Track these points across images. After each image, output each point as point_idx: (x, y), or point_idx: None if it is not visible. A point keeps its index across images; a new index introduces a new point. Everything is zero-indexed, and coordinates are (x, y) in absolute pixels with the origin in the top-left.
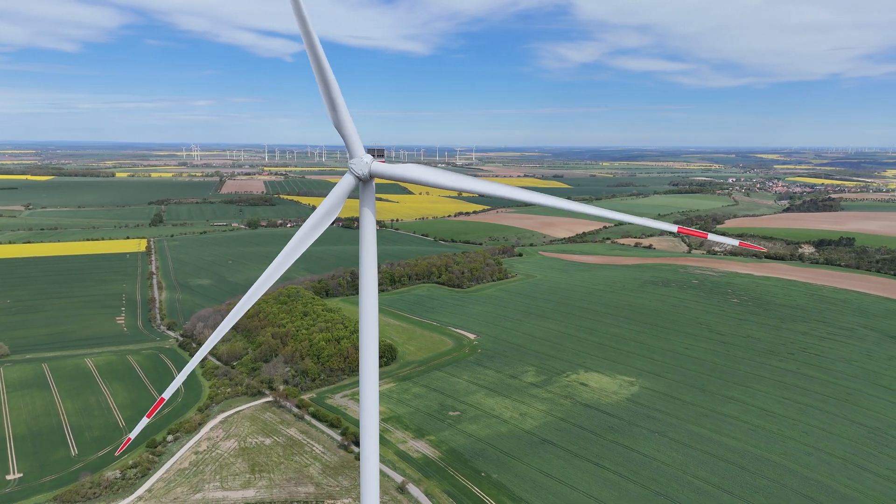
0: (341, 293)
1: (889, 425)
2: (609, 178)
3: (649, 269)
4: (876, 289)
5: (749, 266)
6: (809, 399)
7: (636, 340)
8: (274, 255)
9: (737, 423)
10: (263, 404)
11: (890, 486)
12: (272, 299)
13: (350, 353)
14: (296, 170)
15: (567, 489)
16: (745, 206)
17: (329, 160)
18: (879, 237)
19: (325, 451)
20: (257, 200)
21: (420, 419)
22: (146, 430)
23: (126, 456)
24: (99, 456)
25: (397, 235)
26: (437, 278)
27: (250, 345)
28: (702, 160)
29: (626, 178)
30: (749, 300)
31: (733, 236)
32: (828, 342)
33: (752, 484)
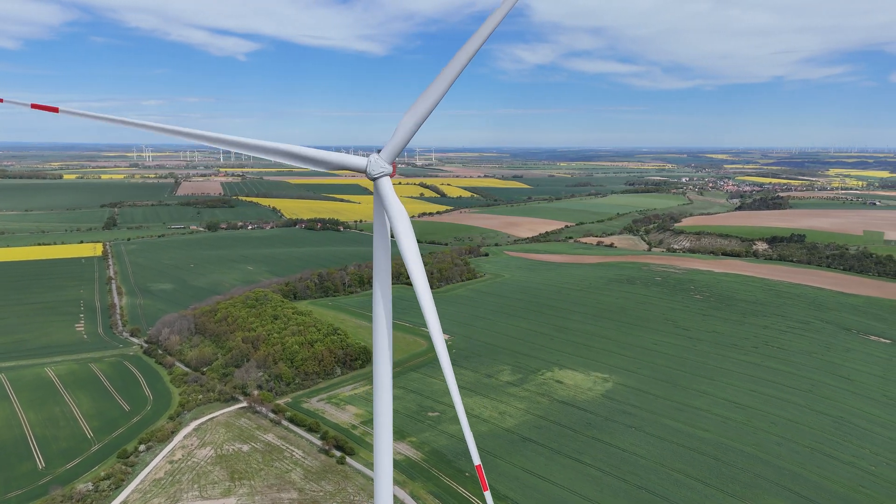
0: (309, 296)
1: (851, 415)
2: (567, 178)
3: (613, 267)
4: (828, 283)
5: (708, 263)
6: (775, 391)
7: (606, 337)
8: (237, 258)
9: (708, 416)
10: (238, 410)
11: (855, 473)
12: (240, 303)
13: (324, 357)
14: (253, 171)
15: (551, 486)
16: (700, 204)
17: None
18: (828, 234)
19: (305, 455)
20: (215, 202)
21: (400, 421)
22: (115, 440)
23: (98, 467)
24: (68, 468)
25: (362, 237)
26: (407, 279)
27: (220, 350)
28: (655, 160)
29: (583, 178)
30: (711, 296)
31: (691, 234)
32: (788, 335)
33: (728, 474)
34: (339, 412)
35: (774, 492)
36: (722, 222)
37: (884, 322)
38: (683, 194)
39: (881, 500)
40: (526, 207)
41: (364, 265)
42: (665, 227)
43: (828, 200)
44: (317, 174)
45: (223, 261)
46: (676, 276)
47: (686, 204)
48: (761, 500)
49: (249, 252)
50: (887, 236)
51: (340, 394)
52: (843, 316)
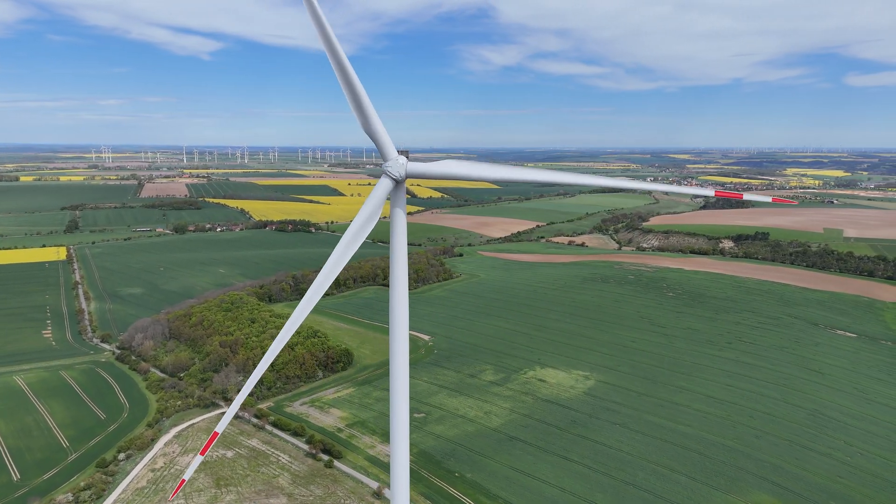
0: (285, 298)
1: (824, 407)
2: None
3: (586, 266)
4: (793, 279)
5: (678, 261)
6: (751, 385)
7: (584, 335)
8: (208, 261)
9: (689, 411)
10: (219, 415)
11: (832, 464)
12: (215, 306)
13: (306, 360)
14: (218, 172)
15: (540, 484)
16: (666, 203)
17: (252, 161)
18: (790, 231)
19: (292, 460)
20: (182, 204)
21: (385, 423)
22: (92, 449)
23: (76, 477)
24: (45, 479)
25: (335, 238)
26: (383, 280)
27: (196, 355)
28: (620, 160)
29: None
30: (683, 293)
31: (659, 233)
32: (759, 331)
33: (711, 468)
34: (323, 415)
35: (757, 484)
36: (688, 221)
37: (848, 316)
38: (649, 194)
39: (858, 490)
40: (497, 207)
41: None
42: (634, 226)
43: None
44: (284, 175)
45: (194, 264)
46: (648, 275)
47: (652, 203)
48: (745, 492)
49: (220, 255)
50: (846, 234)
51: (323, 397)
52: (809, 311)
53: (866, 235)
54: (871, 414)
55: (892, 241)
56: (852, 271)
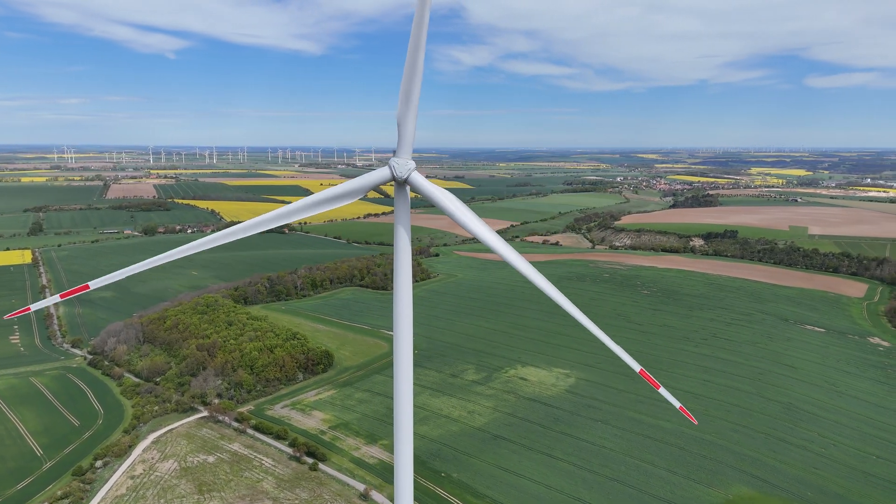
0: (261, 300)
1: (798, 400)
2: (507, 178)
3: (561, 264)
4: (762, 276)
5: (650, 259)
6: (727, 380)
7: (563, 333)
8: (180, 263)
9: (669, 407)
10: (198, 420)
11: (808, 455)
12: (190, 309)
13: (286, 362)
14: (186, 172)
15: (526, 482)
16: (636, 202)
17: (220, 162)
18: (757, 229)
19: (275, 464)
20: (150, 205)
21: (369, 424)
22: (67, 457)
23: (52, 486)
24: (19, 489)
25: (308, 238)
26: (360, 281)
27: (173, 359)
28: (590, 160)
29: (523, 178)
30: (658, 291)
31: (631, 232)
32: (733, 327)
33: (692, 463)
34: (305, 418)
35: (737, 477)
36: (659, 220)
37: (816, 311)
38: (620, 193)
39: (833, 481)
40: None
41: (315, 268)
42: (606, 225)
43: (754, 198)
44: (254, 175)
45: (165, 266)
46: (623, 273)
47: (623, 202)
48: (725, 485)
49: (192, 256)
50: (811, 231)
51: (305, 399)
52: (779, 307)
53: (830, 233)
54: (842, 406)
55: (854, 237)
56: (818, 268)
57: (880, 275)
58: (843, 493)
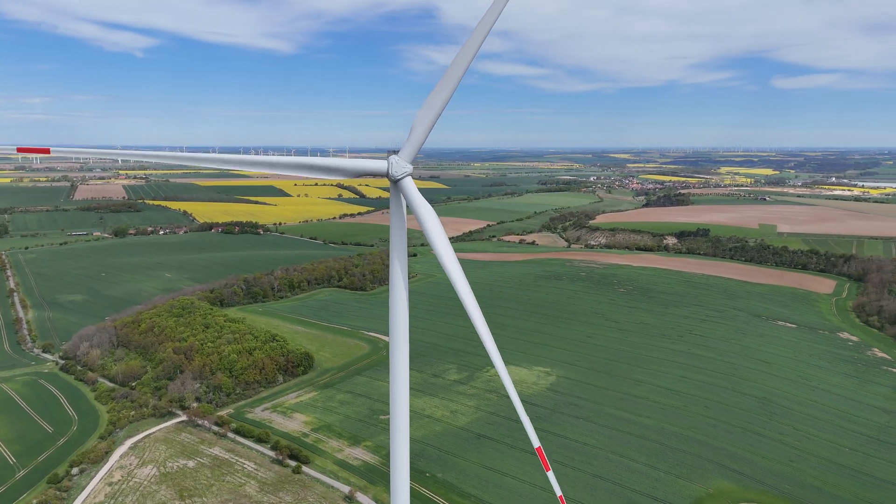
0: (237, 302)
1: (772, 394)
2: (482, 178)
3: (538, 263)
4: (734, 273)
5: (625, 258)
6: (703, 376)
7: (542, 332)
8: (153, 265)
9: (648, 403)
10: (176, 425)
11: (784, 449)
12: (165, 312)
13: (265, 365)
14: (157, 173)
15: (511, 480)
16: (610, 202)
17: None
18: (729, 227)
19: (257, 467)
20: (120, 206)
21: (352, 426)
22: (42, 465)
23: (27, 494)
24: None
25: (284, 240)
26: (338, 282)
27: (148, 362)
28: (563, 160)
29: (497, 178)
30: (633, 289)
31: (606, 231)
32: (707, 324)
33: (673, 458)
34: (287, 421)
35: (716, 471)
36: (633, 219)
37: (787, 308)
38: (593, 192)
39: (808, 473)
40: (447, 207)
41: (292, 269)
42: (581, 224)
43: (724, 196)
44: (227, 175)
45: (137, 268)
46: (599, 271)
47: (597, 202)
48: (705, 480)
49: (165, 258)
50: (780, 229)
51: (285, 402)
52: (752, 304)
53: (798, 231)
54: (815, 400)
55: (821, 235)
56: (787, 265)
57: (847, 271)
58: (819, 485)
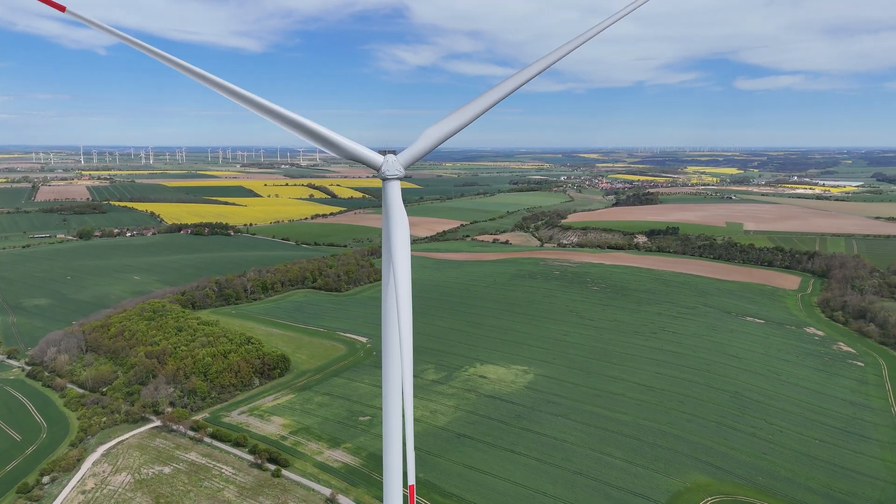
0: (209, 305)
1: (744, 389)
2: (455, 178)
3: (512, 263)
4: (703, 271)
5: (598, 256)
6: (677, 372)
7: (518, 331)
8: (120, 268)
9: (624, 400)
10: (150, 431)
11: (756, 442)
12: (136, 315)
13: (241, 368)
14: (121, 173)
15: (492, 479)
16: (580, 201)
17: (157, 162)
18: (697, 226)
19: (236, 472)
20: (84, 208)
21: (331, 428)
22: (10, 474)
23: None
24: None
25: (255, 241)
26: (312, 283)
27: (119, 367)
28: (534, 160)
29: (469, 177)
30: (607, 287)
31: (578, 230)
32: (679, 320)
33: (651, 453)
34: (264, 424)
35: (693, 465)
36: (604, 218)
37: (755, 304)
38: (564, 192)
39: (781, 465)
40: (420, 207)
41: (265, 270)
42: (553, 223)
43: (691, 195)
44: (195, 176)
45: (105, 271)
46: (572, 270)
47: (568, 201)
48: (683, 474)
49: (133, 261)
50: (746, 227)
51: (263, 405)
52: (722, 300)
53: (763, 228)
54: (785, 394)
55: (786, 233)
56: (754, 262)
57: (811, 268)
58: (791, 477)
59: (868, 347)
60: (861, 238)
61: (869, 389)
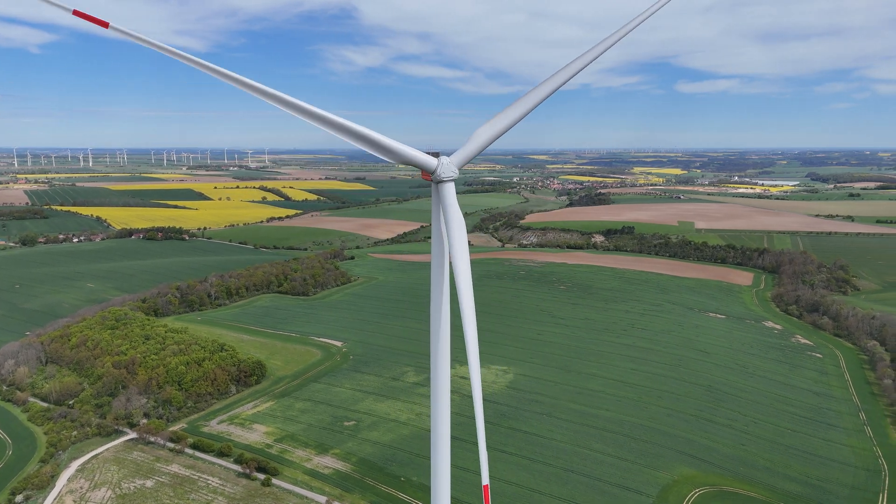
0: (172, 311)
1: (716, 382)
2: (409, 179)
3: (477, 263)
4: (662, 269)
5: (559, 256)
6: (652, 368)
7: (493, 331)
8: (72, 275)
9: (605, 396)
10: (126, 443)
11: (733, 433)
12: (97, 324)
13: (217, 375)
14: (60, 177)
15: None
16: (535, 202)
17: (98, 165)
18: (651, 225)
19: (223, 482)
20: (23, 213)
21: (317, 434)
22: None
23: None
24: None
25: (212, 245)
26: (278, 287)
27: (85, 379)
28: (485, 161)
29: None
30: (573, 286)
31: (537, 230)
32: (647, 317)
33: (636, 448)
34: (247, 432)
35: (678, 458)
36: (561, 218)
37: (715, 300)
38: (518, 193)
39: (759, 455)
40: (378, 209)
41: (228, 275)
42: (512, 224)
43: (642, 196)
44: (141, 179)
45: (55, 279)
46: (538, 270)
47: (523, 202)
48: (669, 467)
49: (84, 267)
50: (697, 225)
51: (242, 413)
52: (683, 297)
53: (714, 227)
54: (755, 386)
55: (735, 231)
56: (708, 259)
57: (762, 264)
58: (770, 466)
59: (823, 339)
60: (805, 235)
61: (830, 380)
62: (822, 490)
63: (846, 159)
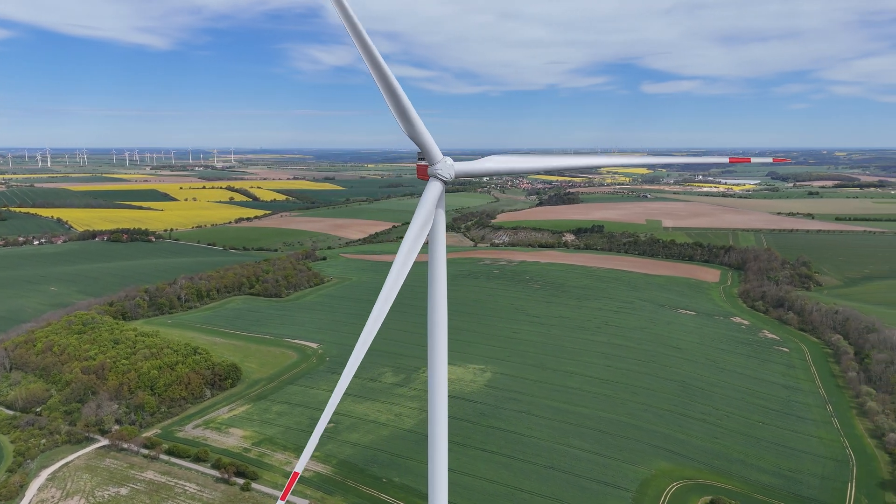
0: (141, 315)
1: (689, 377)
2: (378, 179)
3: (451, 263)
4: (632, 266)
5: (532, 255)
6: (626, 364)
7: (469, 330)
8: (34, 279)
9: (581, 393)
10: (97, 451)
11: (707, 427)
12: (63, 329)
13: (191, 379)
14: (18, 177)
15: (469, 478)
16: (505, 201)
17: (57, 165)
18: (620, 223)
19: (201, 488)
20: None
21: (295, 437)
22: None
23: None
24: None
25: (179, 246)
26: (250, 289)
27: (52, 385)
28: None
29: (394, 178)
30: (546, 285)
31: (508, 229)
32: (620, 314)
33: (614, 444)
34: (223, 437)
35: (655, 453)
36: (532, 217)
37: (685, 297)
38: (488, 192)
39: (733, 448)
40: (348, 209)
41: (197, 277)
42: (483, 223)
43: (610, 195)
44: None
45: (16, 282)
46: (511, 269)
47: (494, 202)
48: (647, 462)
49: (46, 271)
50: (665, 224)
51: (218, 417)
52: (654, 294)
53: (680, 225)
54: (725, 381)
55: (701, 228)
56: (676, 257)
57: (728, 261)
58: (743, 458)
59: (789, 334)
60: (768, 232)
61: (797, 373)
62: (794, 481)
63: (804, 158)
